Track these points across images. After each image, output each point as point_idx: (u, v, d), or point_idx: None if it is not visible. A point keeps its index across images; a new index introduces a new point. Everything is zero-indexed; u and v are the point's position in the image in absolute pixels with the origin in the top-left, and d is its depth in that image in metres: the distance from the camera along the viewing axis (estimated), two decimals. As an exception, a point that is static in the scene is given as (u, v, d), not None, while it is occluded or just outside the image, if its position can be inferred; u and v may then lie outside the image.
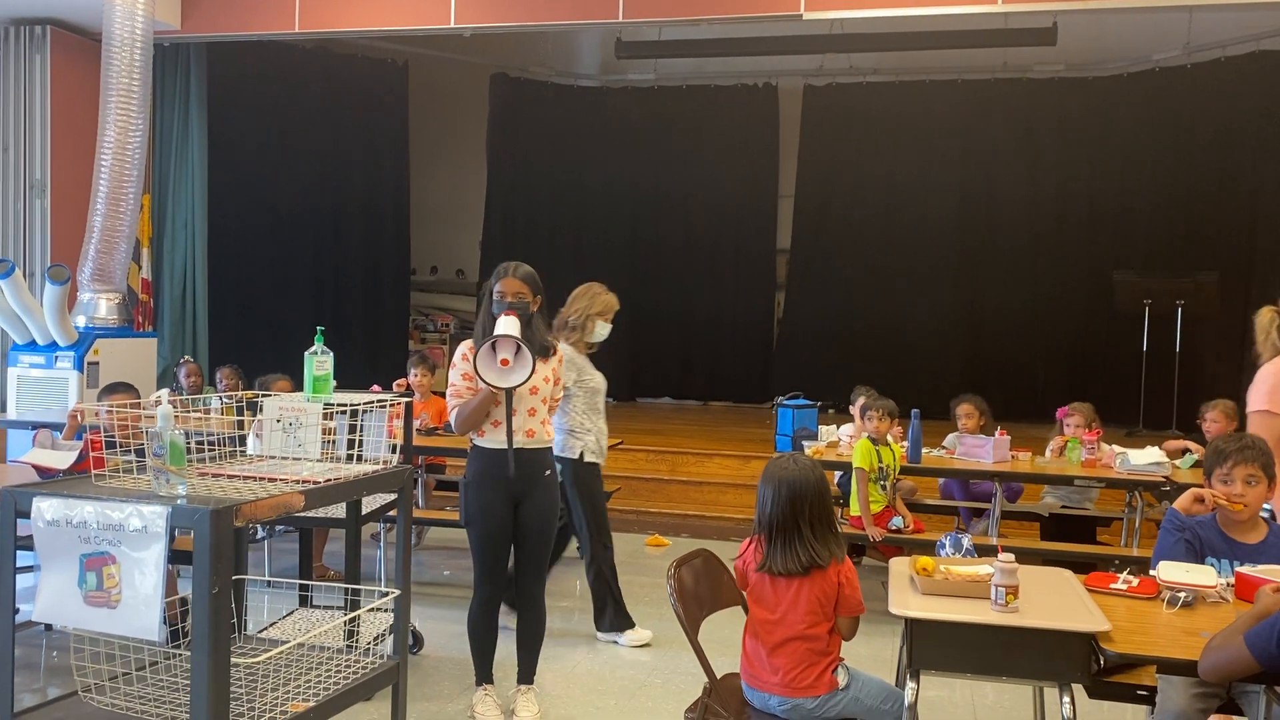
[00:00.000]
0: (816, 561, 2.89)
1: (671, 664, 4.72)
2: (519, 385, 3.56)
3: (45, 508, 2.09)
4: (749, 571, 3.03)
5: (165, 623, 2.05)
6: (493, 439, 3.84)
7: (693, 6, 7.56)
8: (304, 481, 2.40)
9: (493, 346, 3.53)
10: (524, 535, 3.95)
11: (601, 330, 5.00)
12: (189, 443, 2.46)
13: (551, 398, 4.03)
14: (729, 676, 3.18)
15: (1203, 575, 2.93)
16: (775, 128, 12.69)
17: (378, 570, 5.98)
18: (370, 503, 4.49)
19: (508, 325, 3.59)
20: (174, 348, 9.17)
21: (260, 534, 5.93)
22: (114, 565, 2.03)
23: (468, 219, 13.04)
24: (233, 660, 2.04)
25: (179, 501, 2.08)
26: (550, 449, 4.04)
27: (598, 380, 5.03)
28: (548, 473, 3.98)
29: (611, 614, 5.10)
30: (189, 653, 2.55)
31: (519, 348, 3.50)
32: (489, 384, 3.56)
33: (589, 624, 5.27)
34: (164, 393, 2.19)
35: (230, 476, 2.43)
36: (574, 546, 6.87)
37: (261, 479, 2.43)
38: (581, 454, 4.96)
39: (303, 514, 3.38)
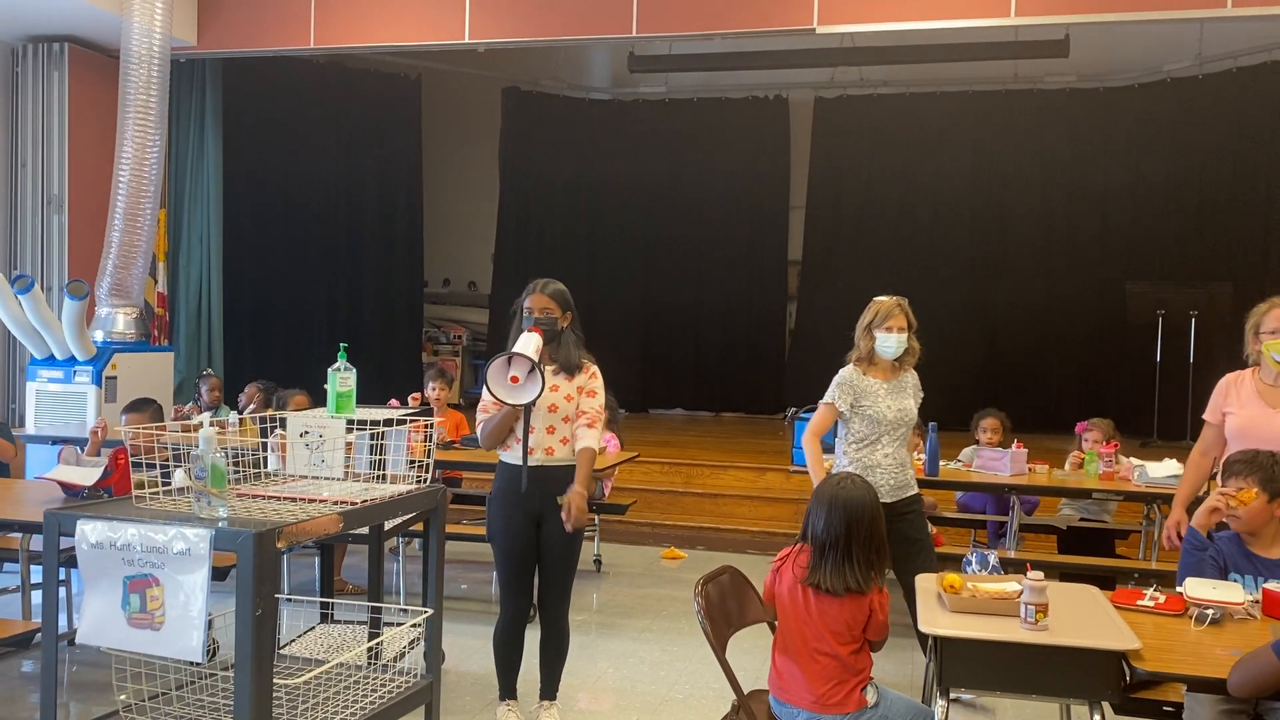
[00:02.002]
0: (860, 587, 2.90)
1: (693, 679, 4.72)
2: (523, 404, 3.55)
3: (89, 530, 2.11)
4: (780, 584, 3.03)
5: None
6: (514, 454, 3.84)
7: (706, 21, 7.60)
8: (341, 503, 2.42)
9: (508, 361, 3.52)
10: (545, 554, 3.91)
11: (886, 342, 4.39)
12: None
13: (587, 408, 3.90)
14: (756, 693, 3.19)
15: (1230, 592, 2.94)
16: (786, 139, 12.73)
17: (395, 584, 6.00)
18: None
19: (525, 344, 3.58)
20: (189, 361, 9.22)
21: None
22: (157, 587, 2.05)
23: (480, 231, 13.10)
24: (274, 681, 2.06)
25: (220, 524, 2.11)
26: (574, 468, 3.87)
27: (881, 408, 4.39)
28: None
29: None
30: (223, 671, 2.59)
31: (532, 367, 3.49)
32: (496, 398, 3.55)
33: (609, 638, 5.28)
34: (206, 416, 2.21)
35: (267, 498, 2.46)
36: (591, 559, 6.89)
37: (298, 500, 2.45)
38: None
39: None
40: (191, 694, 2.49)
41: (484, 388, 3.86)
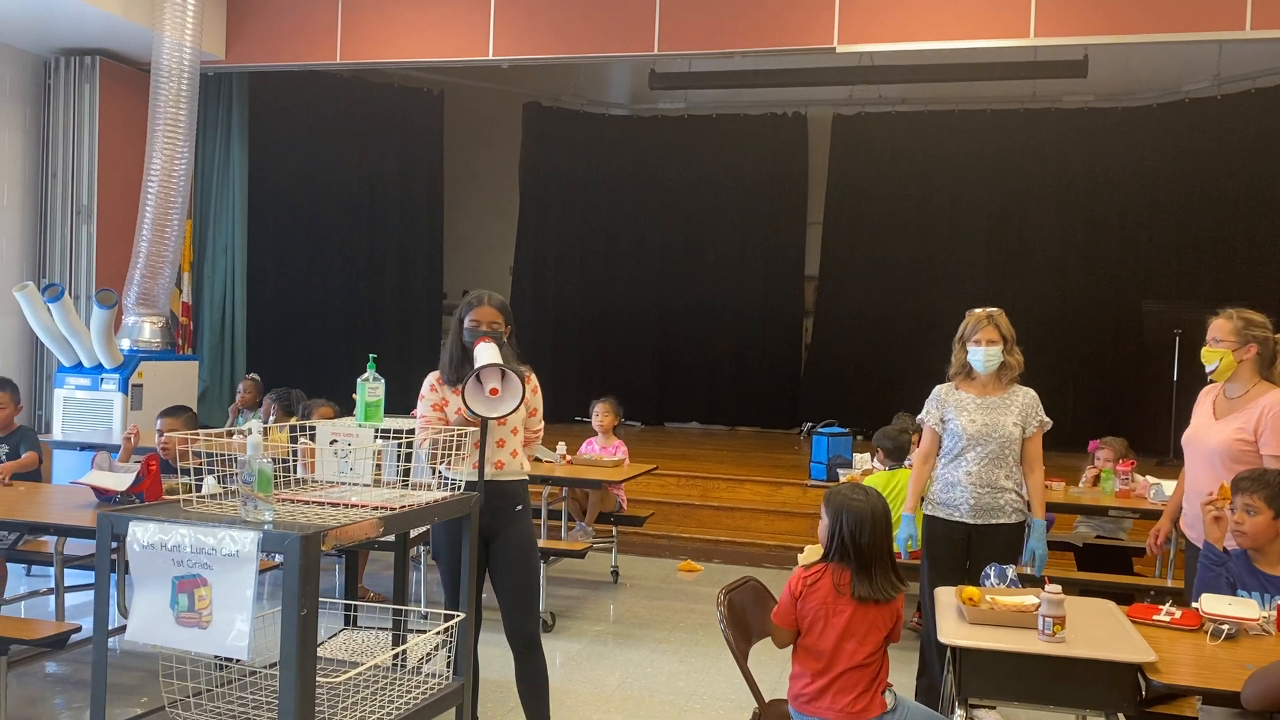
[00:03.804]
0: (892, 593, 2.98)
1: (709, 689, 4.77)
2: (512, 412, 3.51)
3: (141, 532, 2.19)
4: (808, 602, 3.04)
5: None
6: (458, 471, 3.61)
7: (727, 40, 7.68)
8: (381, 508, 2.50)
9: (478, 378, 3.46)
10: (501, 573, 3.75)
11: (974, 355, 4.37)
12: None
13: (527, 427, 3.86)
14: (775, 702, 3.24)
15: (1245, 608, 2.99)
16: (804, 156, 12.82)
17: (415, 592, 6.07)
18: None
19: (491, 354, 3.51)
20: (213, 370, 9.35)
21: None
22: (205, 587, 2.14)
23: (499, 244, 13.22)
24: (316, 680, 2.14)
25: (266, 527, 2.19)
26: (522, 482, 3.81)
27: (963, 421, 4.28)
28: (518, 507, 3.77)
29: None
30: (265, 669, 2.66)
31: (504, 374, 3.46)
32: (482, 415, 3.48)
33: (626, 649, 5.33)
34: (255, 423, 2.30)
35: (309, 503, 2.54)
36: (609, 570, 6.95)
37: (339, 505, 2.53)
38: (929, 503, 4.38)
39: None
40: (233, 691, 2.57)
41: (424, 405, 3.80)
